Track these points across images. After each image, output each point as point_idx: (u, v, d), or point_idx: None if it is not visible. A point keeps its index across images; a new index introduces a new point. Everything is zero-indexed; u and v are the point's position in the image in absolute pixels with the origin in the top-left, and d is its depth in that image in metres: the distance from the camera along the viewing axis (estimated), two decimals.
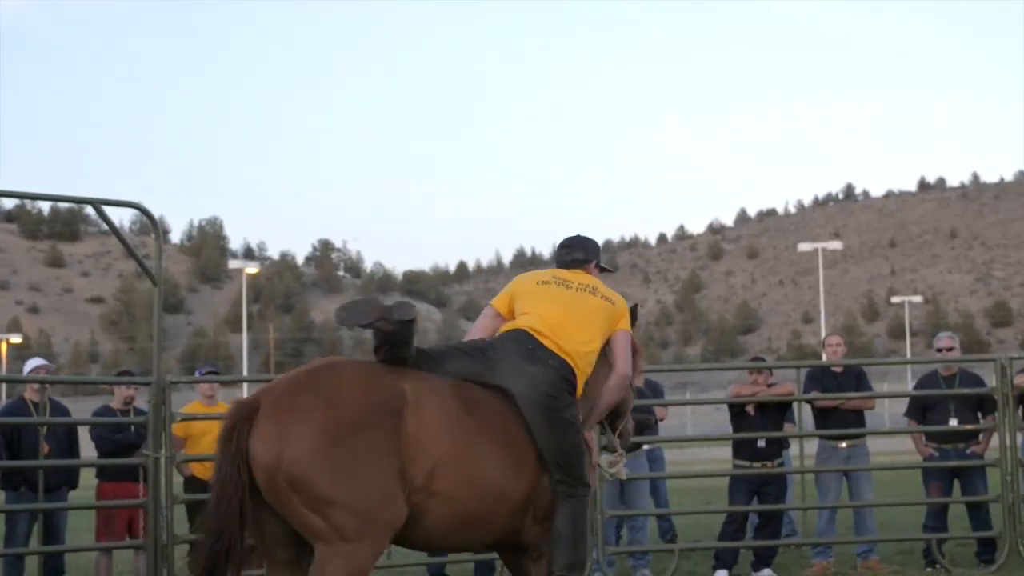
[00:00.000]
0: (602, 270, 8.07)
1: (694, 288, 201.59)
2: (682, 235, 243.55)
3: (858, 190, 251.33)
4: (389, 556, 12.04)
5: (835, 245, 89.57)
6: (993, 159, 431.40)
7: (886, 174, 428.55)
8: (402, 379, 6.72)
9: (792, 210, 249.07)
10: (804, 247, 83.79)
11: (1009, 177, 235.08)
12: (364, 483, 6.40)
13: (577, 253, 7.96)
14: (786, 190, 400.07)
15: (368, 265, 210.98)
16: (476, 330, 7.63)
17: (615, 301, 7.70)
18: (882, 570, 13.34)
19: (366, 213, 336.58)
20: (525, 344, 7.21)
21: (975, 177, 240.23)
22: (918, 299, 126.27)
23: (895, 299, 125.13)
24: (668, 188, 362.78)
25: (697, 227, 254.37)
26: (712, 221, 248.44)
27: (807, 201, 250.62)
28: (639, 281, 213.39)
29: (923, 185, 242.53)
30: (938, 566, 13.33)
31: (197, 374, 14.03)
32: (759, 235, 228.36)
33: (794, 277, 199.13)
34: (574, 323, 7.41)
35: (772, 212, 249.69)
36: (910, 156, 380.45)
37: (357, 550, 6.41)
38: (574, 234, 8.18)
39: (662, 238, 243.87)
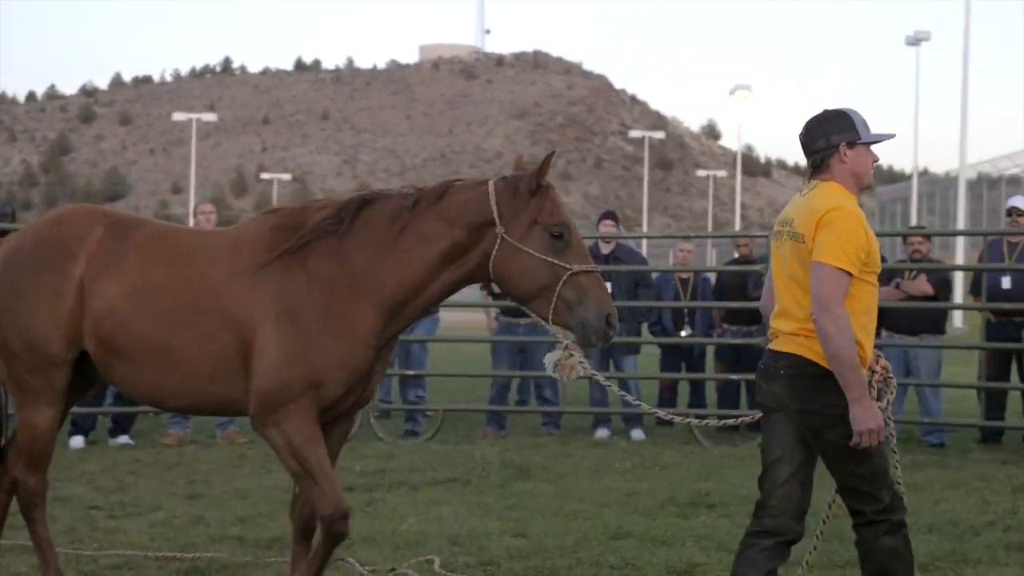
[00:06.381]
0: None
1: (62, 150, 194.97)
2: (53, 95, 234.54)
3: (236, 64, 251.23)
4: None
5: (209, 117, 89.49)
6: (368, 46, 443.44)
7: (264, 51, 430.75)
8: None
9: (168, 79, 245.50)
10: (178, 117, 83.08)
11: (382, 65, 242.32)
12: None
13: (815, 144, 5.76)
14: (163, 58, 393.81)
15: None
16: (768, 285, 6.04)
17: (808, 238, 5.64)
18: (238, 439, 13.58)
19: None
20: None
21: (350, 62, 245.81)
22: (287, 177, 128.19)
23: (264, 175, 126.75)
24: (33, 44, 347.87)
25: (69, 88, 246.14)
26: (85, 83, 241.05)
27: (184, 71, 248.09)
28: (4, 139, 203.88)
29: (300, 65, 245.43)
30: None
31: None
32: (133, 101, 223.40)
33: (166, 146, 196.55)
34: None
35: (148, 79, 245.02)
36: (289, 35, 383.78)
37: None
38: (818, 112, 5.85)
39: (31, 96, 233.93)
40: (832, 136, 5.70)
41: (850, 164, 5.70)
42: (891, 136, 6.00)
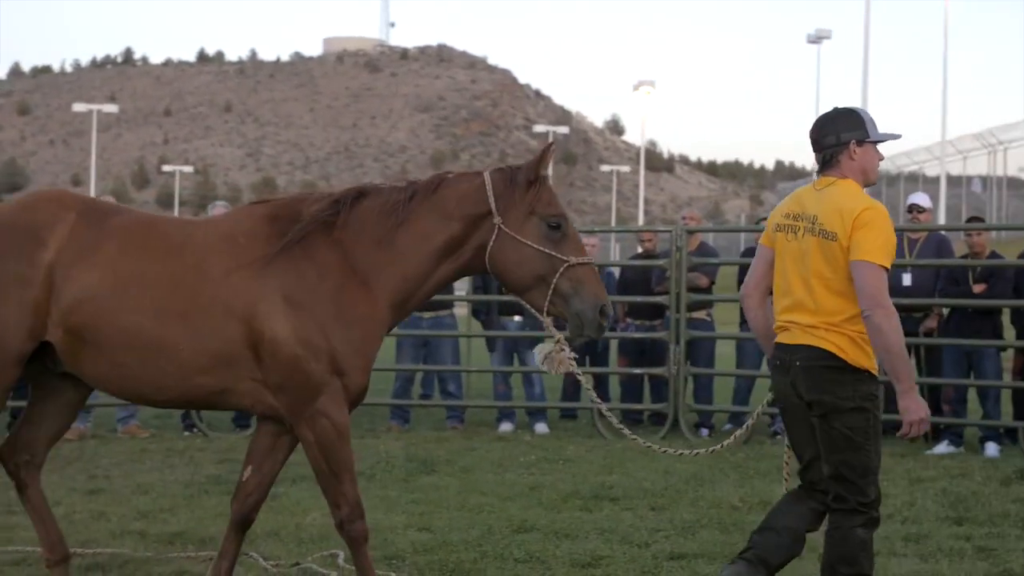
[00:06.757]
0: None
1: None
2: None
3: (137, 55, 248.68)
4: None
5: (110, 108, 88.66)
6: (271, 38, 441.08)
7: (166, 42, 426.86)
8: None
9: (69, 69, 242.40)
10: (79, 107, 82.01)
11: (285, 57, 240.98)
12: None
13: (825, 140, 5.95)
14: (63, 48, 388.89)
15: None
16: (757, 272, 6.19)
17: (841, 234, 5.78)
18: (139, 434, 13.44)
19: None
20: None
21: (253, 54, 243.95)
22: (189, 169, 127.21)
23: (166, 167, 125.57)
24: None
25: None
26: None
27: (85, 61, 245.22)
28: None
29: (202, 57, 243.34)
30: (197, 430, 13.64)
31: None
32: (32, 91, 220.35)
33: (66, 137, 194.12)
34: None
35: (48, 69, 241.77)
36: (191, 26, 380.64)
37: None
38: (829, 110, 6.09)
39: None
40: (843, 133, 5.87)
41: (859, 161, 5.88)
42: (897, 136, 6.18)
